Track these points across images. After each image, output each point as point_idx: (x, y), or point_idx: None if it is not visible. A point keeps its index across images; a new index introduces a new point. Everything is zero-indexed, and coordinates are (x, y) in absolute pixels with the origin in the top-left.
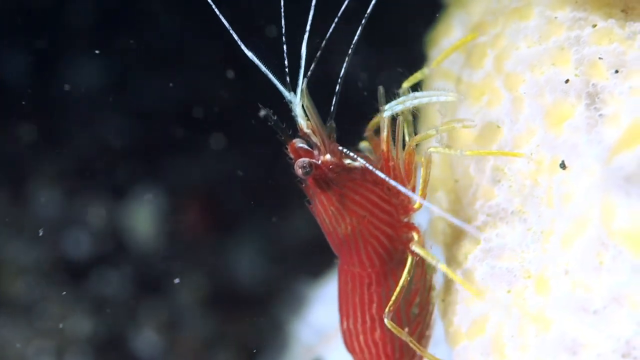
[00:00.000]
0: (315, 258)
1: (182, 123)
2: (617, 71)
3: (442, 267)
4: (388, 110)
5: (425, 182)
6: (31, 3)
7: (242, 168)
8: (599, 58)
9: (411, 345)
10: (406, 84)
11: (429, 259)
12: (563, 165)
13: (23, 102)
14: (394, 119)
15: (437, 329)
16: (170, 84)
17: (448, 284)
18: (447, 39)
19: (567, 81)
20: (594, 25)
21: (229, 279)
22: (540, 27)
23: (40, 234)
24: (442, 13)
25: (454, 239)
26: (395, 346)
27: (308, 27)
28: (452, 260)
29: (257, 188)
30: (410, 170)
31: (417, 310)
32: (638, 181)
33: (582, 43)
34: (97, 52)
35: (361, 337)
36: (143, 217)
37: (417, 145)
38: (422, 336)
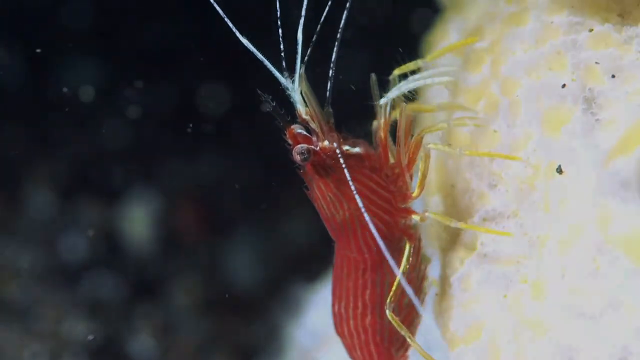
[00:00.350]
0: (311, 261)
1: (177, 126)
2: (613, 76)
3: (461, 224)
4: (385, 97)
5: (424, 174)
6: (27, 4)
7: (238, 171)
8: (596, 63)
9: (408, 339)
10: (397, 71)
11: (445, 221)
12: (560, 170)
13: (18, 104)
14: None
15: (434, 332)
16: (166, 87)
17: (445, 288)
18: (444, 43)
19: (563, 86)
20: (591, 30)
21: (225, 282)
22: (537, 32)
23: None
24: (438, 17)
25: (450, 243)
26: (385, 334)
27: (303, 12)
28: (448, 265)
29: (253, 191)
30: (413, 160)
31: (409, 299)
32: (634, 186)
33: (578, 47)
34: (91, 52)
35: (351, 322)
36: (138, 220)
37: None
38: (410, 324)
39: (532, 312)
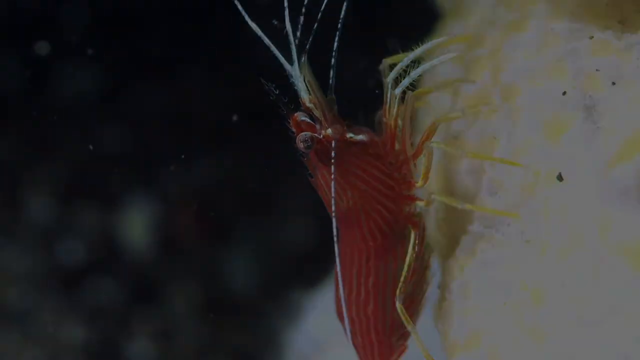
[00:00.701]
0: (310, 266)
1: (176, 130)
2: (614, 83)
3: (468, 206)
4: (399, 87)
5: (428, 167)
6: (24, 8)
7: (236, 176)
8: (596, 70)
9: (412, 333)
10: (390, 61)
11: (453, 204)
12: (560, 178)
13: (16, 109)
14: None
15: (433, 338)
16: (164, 91)
17: (445, 295)
18: (442, 50)
19: (564, 93)
20: (591, 37)
21: (223, 287)
22: (537, 39)
23: None
24: (438, 24)
25: (450, 250)
26: (386, 322)
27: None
28: (448, 271)
29: (252, 196)
30: (421, 149)
31: (411, 288)
32: (635, 194)
33: (579, 55)
34: (89, 56)
35: (353, 308)
36: (137, 225)
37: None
38: (412, 314)
39: (532, 319)
